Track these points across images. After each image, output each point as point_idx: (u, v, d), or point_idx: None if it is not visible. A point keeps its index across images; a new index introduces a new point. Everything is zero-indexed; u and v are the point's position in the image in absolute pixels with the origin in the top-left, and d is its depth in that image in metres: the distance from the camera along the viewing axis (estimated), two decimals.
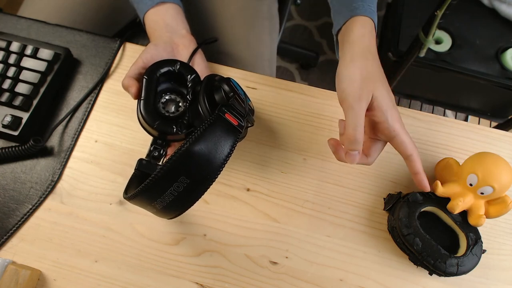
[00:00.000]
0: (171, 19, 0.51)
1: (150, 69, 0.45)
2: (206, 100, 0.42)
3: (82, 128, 0.53)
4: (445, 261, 0.42)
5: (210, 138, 0.37)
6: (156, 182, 0.36)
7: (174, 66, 0.46)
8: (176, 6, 0.52)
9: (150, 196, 0.37)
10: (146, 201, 0.38)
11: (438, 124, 0.53)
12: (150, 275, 0.46)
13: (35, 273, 0.45)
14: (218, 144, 0.37)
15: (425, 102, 1.03)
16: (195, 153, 0.36)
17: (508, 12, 0.88)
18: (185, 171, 0.36)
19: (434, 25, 0.68)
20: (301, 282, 0.45)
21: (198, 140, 0.36)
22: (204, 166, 0.37)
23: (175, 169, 0.36)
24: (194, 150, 0.36)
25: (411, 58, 0.78)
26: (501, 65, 0.84)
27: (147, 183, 0.36)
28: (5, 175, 0.50)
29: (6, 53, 0.53)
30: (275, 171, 0.50)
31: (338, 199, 0.49)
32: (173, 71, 0.45)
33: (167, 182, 0.36)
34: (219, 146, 0.37)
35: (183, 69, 0.46)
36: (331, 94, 0.55)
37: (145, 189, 0.37)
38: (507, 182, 0.42)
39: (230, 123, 0.39)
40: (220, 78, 0.44)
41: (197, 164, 0.36)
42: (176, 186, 0.36)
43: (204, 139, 0.37)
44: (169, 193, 0.37)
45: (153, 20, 0.51)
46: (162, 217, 0.42)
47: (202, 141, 0.36)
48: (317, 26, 1.47)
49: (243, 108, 0.42)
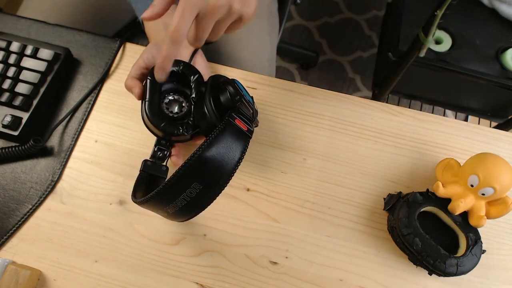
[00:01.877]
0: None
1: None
2: (212, 102, 0.42)
3: (82, 128, 0.53)
4: (445, 261, 0.42)
5: (221, 145, 0.37)
6: (170, 188, 0.36)
7: (177, 67, 0.46)
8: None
9: (163, 201, 0.38)
10: (159, 206, 0.39)
11: (438, 124, 0.53)
12: (150, 275, 0.46)
13: (35, 273, 0.45)
14: (229, 150, 0.38)
15: (425, 102, 1.03)
16: (208, 159, 0.37)
17: (508, 12, 0.88)
18: (198, 178, 0.36)
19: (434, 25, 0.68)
20: (301, 282, 0.45)
21: (210, 147, 0.37)
22: (216, 172, 0.37)
23: (189, 176, 0.36)
24: (206, 156, 0.36)
25: (411, 58, 0.78)
26: (501, 65, 0.84)
27: (161, 189, 0.36)
28: (5, 175, 0.50)
29: (6, 53, 0.53)
30: (275, 171, 0.50)
31: (338, 199, 0.49)
32: (177, 72, 0.45)
33: (180, 188, 0.37)
34: (230, 152, 0.38)
35: (186, 70, 0.46)
36: (331, 94, 0.55)
37: (158, 195, 0.37)
38: (508, 183, 0.42)
39: (240, 129, 0.39)
40: (225, 80, 0.44)
41: (210, 170, 0.37)
42: (189, 191, 0.37)
43: (216, 145, 0.37)
44: (182, 198, 0.37)
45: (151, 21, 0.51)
46: (173, 220, 0.42)
47: (214, 148, 0.37)
48: (317, 26, 1.47)
49: (249, 112, 0.43)
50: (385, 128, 0.53)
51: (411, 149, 0.52)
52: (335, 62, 1.39)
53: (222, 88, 0.43)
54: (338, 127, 0.53)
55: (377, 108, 0.54)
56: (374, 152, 0.51)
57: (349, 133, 0.52)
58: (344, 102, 0.54)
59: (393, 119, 0.53)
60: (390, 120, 0.53)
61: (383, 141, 0.52)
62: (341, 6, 1.50)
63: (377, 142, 0.52)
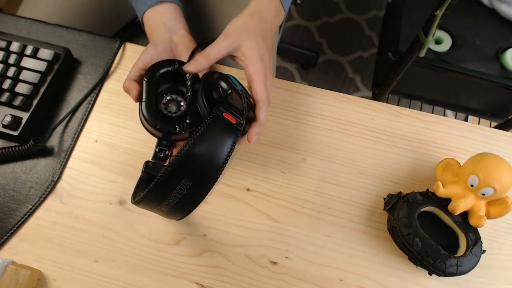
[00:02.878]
0: (171, 19, 0.51)
1: (150, 71, 0.45)
2: (205, 99, 0.42)
3: (82, 128, 0.53)
4: (445, 261, 0.42)
5: (209, 139, 0.37)
6: (159, 186, 0.36)
7: (173, 66, 0.46)
8: (175, 6, 0.52)
9: (155, 200, 0.38)
10: (153, 205, 0.39)
11: (438, 124, 0.53)
12: (150, 275, 0.46)
13: (35, 273, 0.45)
14: (218, 144, 0.37)
15: (425, 102, 1.03)
16: (195, 155, 0.36)
17: (508, 12, 0.88)
18: (186, 174, 0.36)
19: (434, 25, 0.68)
20: (301, 282, 0.45)
21: (197, 142, 0.36)
22: (205, 167, 0.37)
23: (176, 173, 0.36)
24: (193, 152, 0.36)
25: (411, 58, 0.78)
26: (501, 65, 0.84)
27: (151, 188, 0.36)
28: (5, 175, 0.50)
29: (6, 53, 0.53)
30: (275, 171, 0.50)
31: (338, 199, 0.49)
32: (173, 71, 0.45)
33: (170, 186, 0.36)
34: (219, 147, 0.37)
35: (181, 69, 0.46)
36: (331, 94, 0.55)
37: (149, 193, 0.37)
38: (508, 183, 0.42)
39: (228, 122, 0.39)
40: (218, 76, 0.44)
41: (198, 166, 0.36)
42: (179, 188, 0.36)
43: (203, 140, 0.36)
44: (173, 196, 0.37)
45: (152, 20, 0.51)
46: (171, 218, 0.42)
47: (201, 143, 0.36)
48: (317, 26, 1.47)
49: (240, 104, 0.42)
50: (385, 128, 0.53)
51: (411, 149, 0.52)
52: (335, 62, 1.39)
53: (215, 84, 0.43)
54: (338, 127, 0.53)
55: (377, 108, 0.54)
56: (374, 152, 0.51)
57: (349, 133, 0.52)
58: (344, 102, 0.54)
59: (393, 119, 0.53)
60: (390, 120, 0.53)
61: (383, 141, 0.52)
62: (341, 6, 1.50)
63: (377, 142, 0.52)
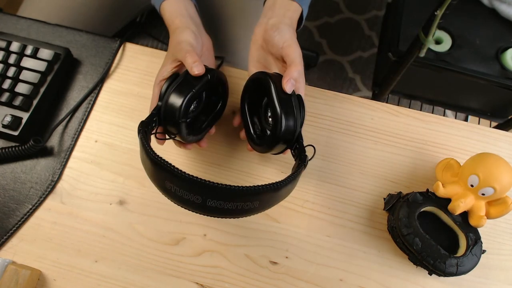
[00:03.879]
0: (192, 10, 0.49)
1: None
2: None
3: (82, 128, 0.53)
4: (445, 261, 0.42)
5: (294, 184, 0.40)
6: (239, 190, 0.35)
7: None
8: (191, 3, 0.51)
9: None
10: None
11: (438, 124, 0.53)
12: (150, 275, 0.46)
13: (35, 273, 0.45)
14: (293, 186, 0.41)
15: (425, 102, 1.03)
16: (281, 192, 0.39)
17: (508, 12, 0.88)
18: (260, 199, 0.37)
19: (434, 25, 0.68)
20: (301, 282, 0.45)
21: (288, 183, 0.38)
22: (275, 201, 0.40)
23: (255, 194, 0.36)
24: (281, 189, 0.38)
25: (411, 58, 0.78)
26: (501, 65, 0.84)
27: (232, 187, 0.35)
28: (5, 175, 0.50)
29: (6, 53, 0.53)
30: (275, 171, 0.50)
31: (338, 199, 0.49)
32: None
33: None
34: (292, 188, 0.41)
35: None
36: (331, 94, 0.55)
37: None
38: (508, 183, 0.42)
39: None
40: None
41: (274, 198, 0.39)
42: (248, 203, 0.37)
43: (292, 183, 0.39)
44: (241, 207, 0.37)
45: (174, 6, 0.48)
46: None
47: (290, 184, 0.39)
48: (317, 26, 1.47)
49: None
50: (385, 128, 0.53)
51: (411, 149, 0.52)
52: (335, 62, 1.39)
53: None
54: (338, 127, 0.53)
55: (377, 108, 0.54)
56: (374, 152, 0.51)
57: (349, 133, 0.52)
58: (344, 102, 0.54)
59: (393, 119, 0.53)
60: (390, 120, 0.53)
61: (383, 141, 0.52)
62: (341, 6, 1.50)
63: (377, 142, 0.52)
